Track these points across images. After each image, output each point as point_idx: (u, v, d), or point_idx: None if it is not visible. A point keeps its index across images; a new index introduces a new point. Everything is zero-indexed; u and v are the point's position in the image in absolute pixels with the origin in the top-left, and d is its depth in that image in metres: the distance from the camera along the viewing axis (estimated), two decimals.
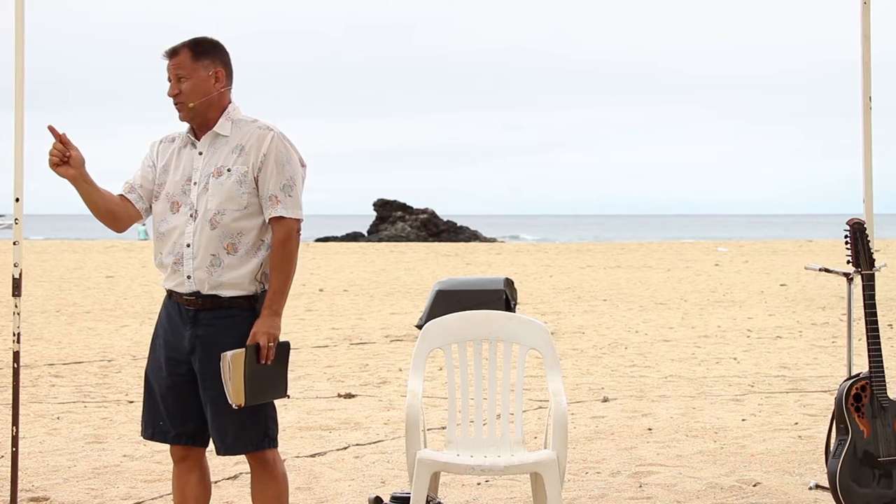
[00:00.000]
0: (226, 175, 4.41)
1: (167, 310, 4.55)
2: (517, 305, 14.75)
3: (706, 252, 36.20)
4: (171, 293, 4.53)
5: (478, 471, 5.17)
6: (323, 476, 6.69)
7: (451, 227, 54.30)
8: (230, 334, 4.39)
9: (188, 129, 4.53)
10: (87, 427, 8.24)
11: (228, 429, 4.43)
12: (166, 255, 4.48)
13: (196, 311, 4.44)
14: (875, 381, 5.40)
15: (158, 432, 4.58)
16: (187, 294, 4.44)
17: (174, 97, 4.46)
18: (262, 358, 4.34)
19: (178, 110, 4.48)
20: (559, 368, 5.47)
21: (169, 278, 4.50)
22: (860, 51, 6.12)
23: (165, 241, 4.49)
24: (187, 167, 4.48)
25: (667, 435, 7.83)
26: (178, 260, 4.44)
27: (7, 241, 41.54)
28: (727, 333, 14.31)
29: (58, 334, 14.41)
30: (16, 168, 5.57)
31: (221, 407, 4.38)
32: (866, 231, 5.59)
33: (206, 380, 4.43)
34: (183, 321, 4.47)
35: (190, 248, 4.41)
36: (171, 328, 4.51)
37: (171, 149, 4.55)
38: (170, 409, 4.52)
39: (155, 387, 4.55)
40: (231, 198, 4.40)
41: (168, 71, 4.47)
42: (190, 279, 4.42)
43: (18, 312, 5.58)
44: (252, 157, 4.42)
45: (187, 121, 4.50)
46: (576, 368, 11.29)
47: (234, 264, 4.40)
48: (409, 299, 19.79)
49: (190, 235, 4.42)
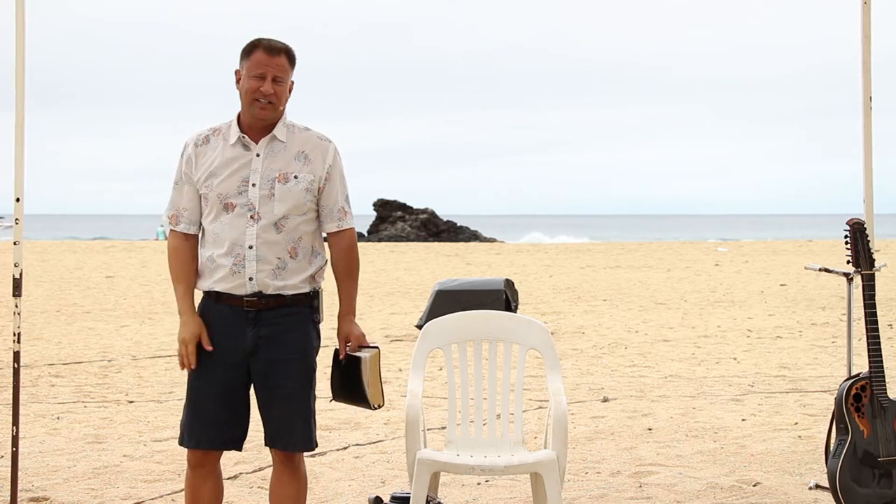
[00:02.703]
0: (293, 182, 4.44)
1: (216, 314, 4.47)
2: (518, 307, 14.74)
3: (706, 252, 36.19)
4: (217, 295, 4.46)
5: (478, 471, 5.17)
6: (323, 476, 6.69)
7: (451, 227, 54.28)
8: (296, 331, 4.46)
9: (236, 129, 4.46)
10: (87, 427, 8.24)
11: (296, 426, 4.47)
12: (222, 257, 4.43)
13: (258, 311, 4.43)
14: (875, 381, 5.40)
15: (205, 440, 4.50)
16: (247, 295, 4.43)
17: (268, 96, 4.40)
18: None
19: (261, 108, 4.41)
20: (559, 368, 5.47)
21: (224, 280, 4.43)
22: (860, 51, 6.12)
23: (220, 243, 4.43)
24: (242, 168, 4.42)
25: (667, 435, 7.83)
26: (238, 262, 4.41)
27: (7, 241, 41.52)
28: (727, 333, 14.31)
29: (58, 334, 14.41)
30: (16, 168, 5.57)
31: (292, 404, 4.44)
32: (866, 231, 5.59)
33: (272, 378, 4.44)
34: (242, 322, 4.43)
35: (252, 251, 4.41)
36: (225, 331, 4.45)
37: (213, 149, 4.47)
38: (221, 416, 4.48)
39: (205, 395, 4.47)
40: (298, 204, 4.45)
41: (262, 67, 4.39)
42: (252, 281, 4.42)
43: (18, 312, 5.58)
44: (318, 168, 4.48)
45: (262, 120, 4.44)
46: (576, 368, 11.29)
47: (295, 268, 4.46)
48: (409, 299, 19.79)
49: (252, 238, 4.41)
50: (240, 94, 4.47)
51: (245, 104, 4.45)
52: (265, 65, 4.39)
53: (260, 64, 4.40)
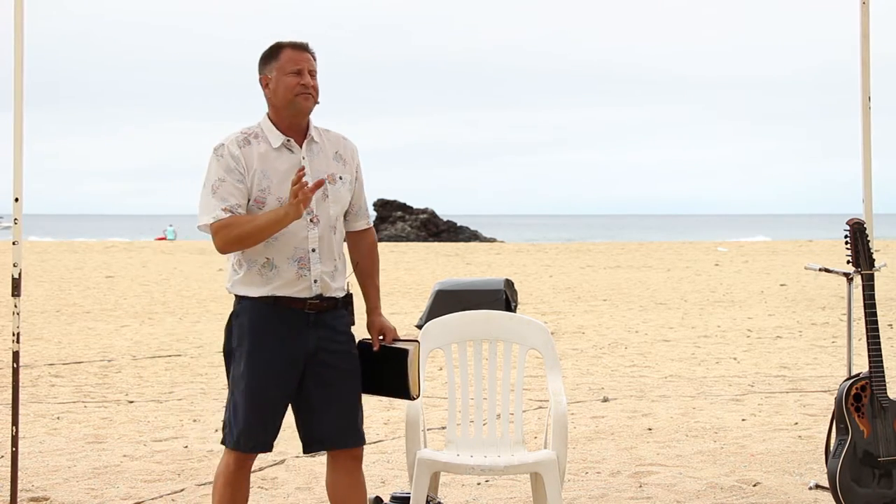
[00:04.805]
0: (339, 183, 4.50)
1: (277, 319, 4.42)
2: (518, 307, 14.74)
3: (706, 252, 36.19)
4: (276, 300, 4.41)
5: (478, 471, 5.17)
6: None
7: (451, 227, 54.31)
8: (344, 332, 4.55)
9: (277, 132, 4.45)
10: (87, 427, 8.24)
11: (353, 423, 4.49)
12: (285, 261, 4.41)
13: (317, 314, 4.45)
14: (875, 381, 5.40)
15: (260, 444, 4.47)
16: (311, 298, 4.44)
17: (310, 87, 4.44)
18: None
19: (304, 101, 4.42)
20: (559, 368, 5.47)
21: (287, 285, 4.41)
22: (860, 51, 6.12)
23: (282, 246, 4.40)
24: (292, 171, 4.40)
25: (667, 435, 7.83)
26: (303, 265, 4.42)
27: (7, 241, 41.53)
28: (727, 333, 14.31)
29: (58, 334, 14.41)
30: (15, 168, 5.57)
31: (351, 403, 4.49)
32: (866, 231, 5.59)
33: (330, 378, 4.46)
34: (303, 325, 4.43)
35: (316, 253, 4.43)
36: (288, 335, 4.42)
37: (257, 151, 4.43)
38: (277, 421, 4.48)
39: (268, 399, 4.42)
40: (344, 205, 4.55)
41: (296, 63, 4.43)
42: (316, 283, 4.44)
43: (18, 312, 5.58)
44: (351, 168, 4.57)
45: (305, 115, 4.46)
46: (576, 368, 11.29)
47: (342, 270, 4.57)
48: (409, 299, 19.79)
49: (315, 240, 4.44)
50: (271, 98, 4.46)
51: (284, 103, 4.43)
52: (298, 60, 4.44)
53: (293, 60, 4.44)
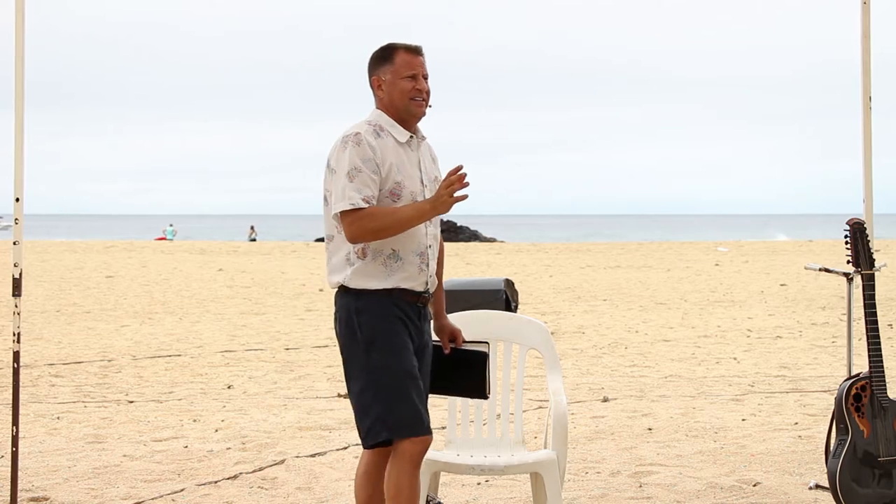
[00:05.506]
0: (436, 182, 4.60)
1: (401, 309, 4.48)
2: (518, 307, 14.74)
3: (706, 252, 36.19)
4: (399, 292, 4.47)
5: (478, 471, 5.18)
6: (323, 476, 6.69)
7: (450, 227, 54.31)
8: (429, 330, 4.69)
9: (402, 128, 4.52)
10: (87, 427, 8.24)
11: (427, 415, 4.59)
12: (410, 254, 4.49)
13: (424, 308, 4.60)
14: (875, 380, 5.40)
15: (426, 425, 4.50)
16: (424, 292, 4.55)
17: (425, 93, 4.52)
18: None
19: (418, 106, 4.51)
20: (559, 368, 5.47)
21: (411, 278, 4.49)
22: (860, 51, 6.12)
23: (409, 240, 4.48)
24: (416, 168, 4.55)
25: (667, 435, 7.83)
26: (423, 259, 4.52)
27: (7, 241, 41.53)
28: (727, 333, 14.31)
29: (58, 334, 14.41)
30: (16, 168, 5.57)
31: (426, 396, 4.61)
32: (866, 231, 5.59)
33: (426, 369, 4.62)
34: (419, 318, 4.56)
35: (431, 249, 4.56)
36: (412, 325, 4.53)
37: (387, 145, 4.49)
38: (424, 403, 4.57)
39: (416, 383, 4.48)
40: None
41: (412, 67, 4.50)
42: (431, 278, 4.57)
43: (18, 312, 5.58)
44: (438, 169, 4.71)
45: (419, 118, 4.54)
46: (576, 368, 11.29)
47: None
48: None
49: (432, 237, 4.58)
50: (386, 99, 4.52)
51: (401, 105, 4.51)
52: (413, 64, 4.52)
53: (409, 64, 4.51)
